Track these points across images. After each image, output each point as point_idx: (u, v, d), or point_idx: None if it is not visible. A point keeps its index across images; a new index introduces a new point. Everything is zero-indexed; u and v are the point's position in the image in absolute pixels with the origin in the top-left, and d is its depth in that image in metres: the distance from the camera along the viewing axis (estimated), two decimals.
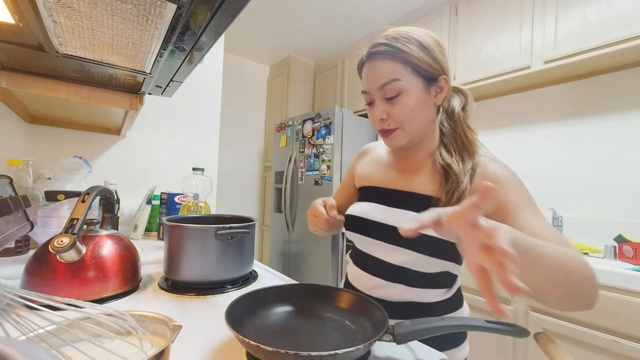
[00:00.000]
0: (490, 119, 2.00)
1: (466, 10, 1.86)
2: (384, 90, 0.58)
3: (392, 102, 0.59)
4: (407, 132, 0.60)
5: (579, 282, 0.39)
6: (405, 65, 0.57)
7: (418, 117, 0.59)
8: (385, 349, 0.48)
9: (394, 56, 0.57)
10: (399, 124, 0.59)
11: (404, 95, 0.58)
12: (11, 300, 0.33)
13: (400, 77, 0.57)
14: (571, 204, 1.63)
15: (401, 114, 0.58)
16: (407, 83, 0.58)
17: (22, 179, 0.96)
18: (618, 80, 1.51)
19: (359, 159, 0.80)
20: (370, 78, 0.60)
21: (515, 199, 0.53)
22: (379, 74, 0.58)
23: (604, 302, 1.08)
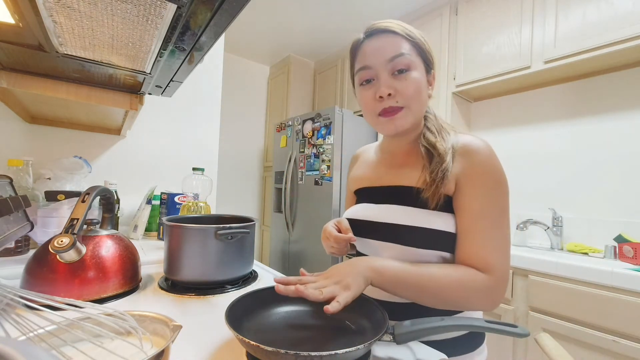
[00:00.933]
0: (490, 119, 2.00)
1: (466, 10, 1.86)
2: (394, 62, 0.55)
3: (401, 77, 0.55)
4: (413, 112, 0.56)
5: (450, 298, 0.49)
6: (412, 45, 0.57)
7: (422, 99, 0.57)
8: (385, 349, 0.48)
9: (403, 34, 0.56)
10: (406, 102, 0.55)
11: (414, 70, 0.56)
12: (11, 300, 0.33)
13: (411, 54, 0.56)
14: (571, 204, 1.63)
15: (411, 89, 0.55)
16: (416, 62, 0.56)
17: (22, 179, 0.96)
18: (618, 80, 1.51)
19: (351, 167, 0.79)
20: (377, 51, 0.56)
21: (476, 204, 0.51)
22: (389, 47, 0.55)
23: (604, 302, 1.08)
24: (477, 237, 0.50)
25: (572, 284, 1.16)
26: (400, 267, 0.49)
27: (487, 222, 0.50)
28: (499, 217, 0.51)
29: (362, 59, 0.59)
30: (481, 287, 0.48)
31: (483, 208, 0.51)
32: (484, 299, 0.49)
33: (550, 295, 1.20)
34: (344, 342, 0.45)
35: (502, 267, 0.50)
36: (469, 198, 0.52)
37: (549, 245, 1.62)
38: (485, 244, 0.50)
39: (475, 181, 0.52)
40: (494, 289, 0.49)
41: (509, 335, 0.42)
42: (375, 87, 0.57)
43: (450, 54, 1.94)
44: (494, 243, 0.50)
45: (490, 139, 1.99)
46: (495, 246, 0.50)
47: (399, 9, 2.28)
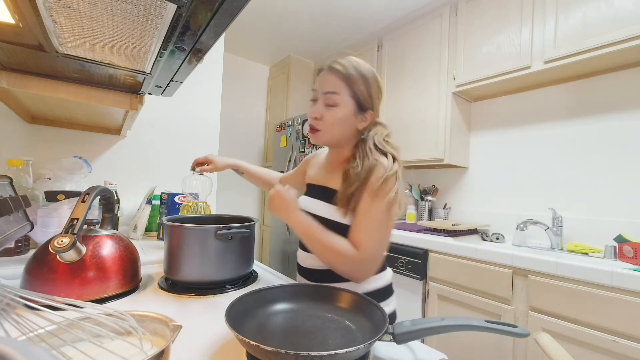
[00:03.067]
0: (490, 119, 2.00)
1: (466, 10, 1.86)
2: (326, 97, 0.72)
3: (329, 109, 0.72)
4: (325, 136, 0.75)
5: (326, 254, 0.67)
6: (348, 88, 0.72)
7: (338, 130, 0.74)
8: (385, 349, 0.48)
9: (343, 78, 0.72)
10: (323, 128, 0.73)
11: (337, 108, 0.72)
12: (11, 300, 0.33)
13: (340, 93, 0.72)
14: (571, 204, 1.63)
15: (329, 121, 0.72)
16: (343, 100, 0.72)
17: (22, 179, 0.96)
18: (618, 80, 1.51)
19: (311, 159, 0.95)
20: (321, 82, 0.74)
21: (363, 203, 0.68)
22: (328, 83, 0.73)
23: (604, 302, 1.08)
24: (359, 226, 0.68)
25: (572, 284, 1.16)
26: (308, 219, 0.69)
27: (367, 218, 0.68)
28: (377, 216, 0.67)
29: (316, 82, 0.77)
30: (348, 256, 0.65)
31: (366, 209, 0.68)
32: (348, 267, 0.67)
33: (550, 295, 1.20)
34: (344, 342, 0.45)
35: (369, 249, 0.66)
36: (361, 203, 0.69)
37: (549, 245, 1.62)
38: (361, 230, 0.67)
39: (366, 193, 0.68)
40: (357, 261, 0.66)
41: (509, 335, 0.42)
42: (312, 108, 0.75)
43: (450, 54, 1.94)
44: (368, 231, 0.67)
45: (490, 139, 1.99)
46: (368, 233, 0.67)
47: (399, 9, 2.28)
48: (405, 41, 2.21)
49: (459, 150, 1.99)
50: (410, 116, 2.13)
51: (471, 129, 2.10)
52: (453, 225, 1.72)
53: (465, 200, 2.10)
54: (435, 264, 1.59)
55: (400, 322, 0.45)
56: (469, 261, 1.46)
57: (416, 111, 2.10)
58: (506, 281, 1.33)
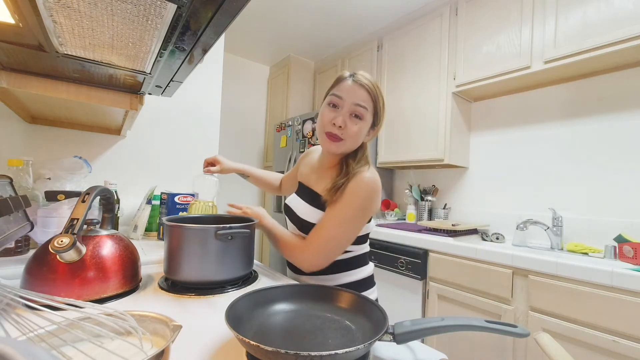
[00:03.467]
0: (490, 119, 2.00)
1: (466, 10, 1.86)
2: (356, 107, 0.75)
3: (354, 120, 0.75)
4: (347, 147, 0.78)
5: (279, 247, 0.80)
6: (373, 107, 0.77)
7: (357, 141, 0.78)
8: (385, 349, 0.48)
9: (372, 96, 0.77)
10: (346, 137, 0.76)
11: (363, 121, 0.76)
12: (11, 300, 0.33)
13: (369, 109, 0.76)
14: (571, 204, 1.63)
15: (355, 132, 0.76)
16: (368, 115, 0.77)
17: (22, 179, 0.96)
18: (618, 80, 1.51)
19: (305, 157, 0.99)
20: (352, 92, 0.75)
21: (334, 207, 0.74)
22: (361, 96, 0.75)
23: (604, 302, 1.08)
24: (317, 226, 0.76)
25: (572, 284, 1.16)
26: (274, 224, 0.83)
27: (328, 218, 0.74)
28: (339, 223, 0.73)
29: (340, 89, 0.77)
30: (296, 248, 0.77)
31: (329, 215, 0.75)
32: (294, 256, 0.76)
33: (550, 295, 1.20)
34: (344, 342, 0.45)
35: (316, 245, 0.74)
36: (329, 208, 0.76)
37: (549, 245, 1.62)
38: (316, 231, 0.75)
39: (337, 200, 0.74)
40: (302, 252, 0.75)
41: (509, 335, 0.42)
42: (336, 114, 0.76)
43: (450, 54, 1.94)
44: (322, 232, 0.74)
45: (490, 139, 1.99)
46: (320, 233, 0.74)
47: (399, 9, 2.28)
48: (405, 41, 2.21)
49: (459, 150, 1.99)
50: (410, 116, 2.13)
51: (471, 129, 2.10)
52: (453, 225, 1.72)
53: (465, 200, 2.10)
54: (435, 264, 1.59)
55: (400, 322, 0.45)
56: (469, 261, 1.46)
57: (416, 111, 2.10)
58: (506, 281, 1.33)
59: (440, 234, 1.69)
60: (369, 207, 0.75)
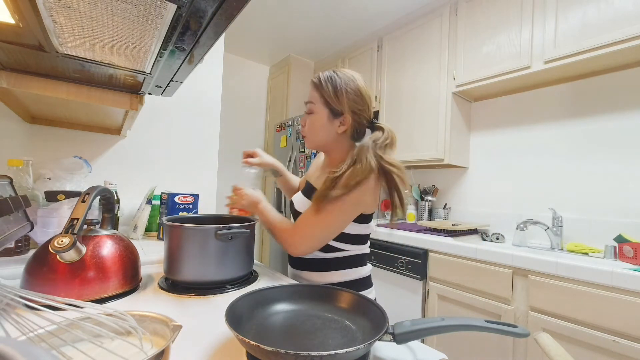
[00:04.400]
0: (490, 119, 2.00)
1: (466, 10, 1.86)
2: (306, 105, 0.85)
3: (308, 117, 0.85)
4: (310, 141, 0.87)
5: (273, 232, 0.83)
6: (320, 97, 0.81)
7: (316, 134, 0.84)
8: (386, 349, 0.48)
9: (316, 87, 0.82)
10: (305, 134, 0.86)
11: (313, 114, 0.83)
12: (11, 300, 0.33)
13: (315, 102, 0.82)
14: (571, 204, 1.63)
15: (308, 127, 0.85)
16: (317, 108, 0.82)
17: (22, 179, 0.96)
18: (618, 80, 1.51)
19: (316, 159, 1.04)
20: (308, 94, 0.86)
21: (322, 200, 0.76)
22: (309, 94, 0.85)
23: (604, 302, 1.08)
24: (305, 212, 0.80)
25: (572, 284, 1.16)
26: (268, 208, 0.85)
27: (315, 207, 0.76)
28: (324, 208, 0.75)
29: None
30: (285, 231, 0.80)
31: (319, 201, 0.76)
32: (283, 238, 0.80)
33: (550, 295, 1.20)
34: (344, 342, 0.45)
35: (301, 229, 0.78)
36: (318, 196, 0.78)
37: (549, 245, 1.62)
38: (304, 215, 0.79)
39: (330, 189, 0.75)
40: (288, 236, 0.79)
41: (509, 335, 0.42)
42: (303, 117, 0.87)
43: (450, 54, 1.94)
44: (308, 218, 0.78)
45: (490, 139, 1.99)
46: (306, 220, 0.78)
47: (399, 10, 2.28)
48: (405, 41, 2.21)
49: (459, 150, 1.99)
50: (410, 116, 2.13)
51: (471, 129, 2.10)
52: (453, 225, 1.72)
53: (465, 200, 2.10)
54: (435, 264, 1.59)
55: (400, 322, 0.45)
56: (469, 261, 1.46)
57: (416, 111, 2.10)
58: (506, 281, 1.33)
59: (440, 234, 1.69)
60: (360, 201, 0.76)
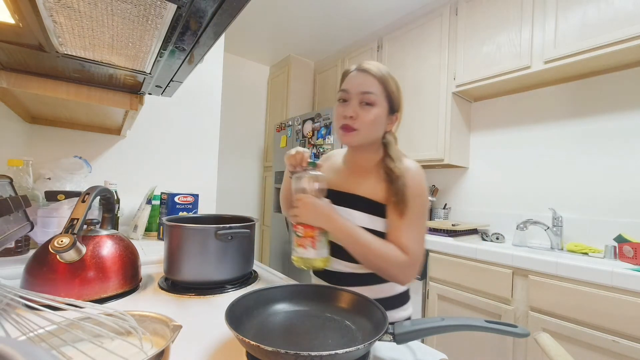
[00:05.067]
0: (490, 119, 2.00)
1: (466, 10, 1.86)
2: (364, 96, 0.72)
3: (366, 109, 0.72)
4: (362, 135, 0.73)
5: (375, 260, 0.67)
6: (383, 90, 0.73)
7: (374, 129, 0.74)
8: (385, 349, 0.48)
9: (378, 78, 0.73)
10: (360, 126, 0.72)
11: (376, 107, 0.73)
12: (11, 300, 0.33)
13: (378, 94, 0.73)
14: (571, 204, 1.63)
15: (370, 119, 0.72)
16: (379, 100, 0.73)
17: (22, 179, 0.96)
18: (618, 80, 1.51)
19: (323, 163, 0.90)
20: (357, 83, 0.73)
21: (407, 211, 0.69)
22: (366, 84, 0.72)
23: (604, 302, 1.08)
24: (405, 230, 0.69)
25: (572, 284, 1.16)
26: (351, 226, 0.68)
27: (413, 222, 0.69)
28: (417, 220, 0.70)
29: (346, 83, 0.75)
30: (399, 262, 0.66)
31: (410, 215, 0.69)
32: (399, 272, 0.67)
33: (550, 295, 1.20)
34: (344, 342, 0.45)
35: (416, 252, 0.68)
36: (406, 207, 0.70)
37: (549, 245, 1.62)
38: (408, 235, 0.69)
39: (410, 197, 0.70)
40: (408, 266, 0.67)
41: (509, 335, 0.42)
42: (345, 107, 0.73)
43: (450, 54, 1.94)
44: (414, 235, 0.69)
45: (490, 139, 1.99)
46: (411, 237, 0.68)
47: (399, 9, 2.28)
48: (405, 41, 2.21)
49: (459, 150, 1.99)
50: (411, 116, 2.13)
51: (471, 129, 2.10)
52: (453, 225, 1.72)
53: (465, 200, 2.10)
54: (435, 264, 1.59)
55: (400, 322, 0.45)
56: (469, 261, 1.45)
57: (416, 111, 2.10)
58: (506, 281, 1.33)
59: (440, 234, 1.69)
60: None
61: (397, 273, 0.67)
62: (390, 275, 0.68)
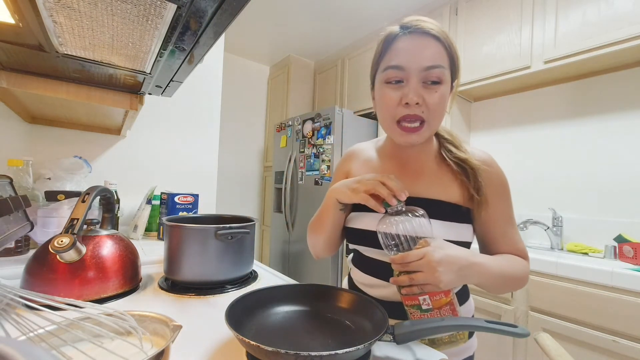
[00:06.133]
0: (490, 119, 2.00)
1: (466, 10, 1.86)
2: (429, 72, 0.52)
3: (432, 89, 0.52)
4: (431, 128, 0.55)
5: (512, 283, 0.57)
6: (449, 59, 0.54)
7: (442, 115, 0.55)
8: (385, 349, 0.48)
9: (446, 44, 0.53)
10: (430, 116, 0.53)
11: (444, 86, 0.53)
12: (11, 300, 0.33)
13: (446, 66, 0.53)
14: (571, 204, 1.63)
15: (437, 104, 0.52)
16: (447, 75, 0.54)
17: (22, 179, 0.96)
18: (618, 80, 1.51)
19: (348, 162, 0.72)
20: (415, 54, 0.52)
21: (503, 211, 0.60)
22: (430, 54, 0.51)
23: (604, 302, 1.08)
24: (513, 236, 0.61)
25: (572, 284, 1.16)
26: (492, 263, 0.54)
27: (511, 221, 0.61)
28: (513, 213, 0.62)
29: (395, 56, 0.53)
30: (527, 270, 0.59)
31: (510, 214, 0.61)
32: (527, 280, 0.60)
33: (550, 295, 1.20)
34: (344, 342, 0.45)
35: (526, 251, 0.62)
36: (500, 208, 0.59)
37: (549, 245, 1.62)
38: (517, 239, 0.61)
39: (500, 194, 0.59)
40: (529, 271, 0.60)
41: (509, 335, 0.42)
42: (404, 92, 0.53)
43: None
44: (519, 237, 0.62)
45: (490, 139, 1.99)
46: (520, 239, 0.62)
47: (399, 9, 2.28)
48: None
49: None
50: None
51: (471, 129, 2.10)
52: None
53: None
54: None
55: (400, 322, 0.45)
56: None
57: None
58: None
59: None
60: None
61: (524, 284, 0.59)
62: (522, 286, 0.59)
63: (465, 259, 0.49)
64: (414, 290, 0.48)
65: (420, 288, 0.47)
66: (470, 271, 0.50)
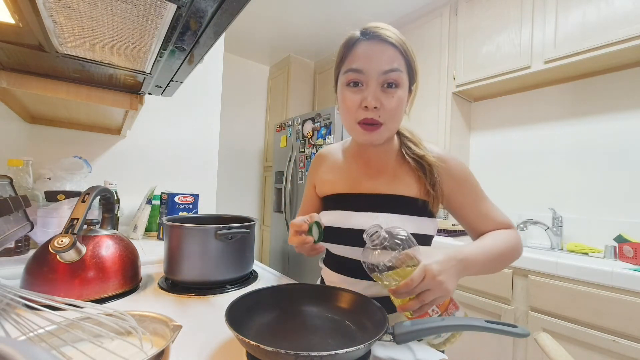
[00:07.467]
0: (490, 119, 2.00)
1: (466, 10, 1.86)
2: (387, 75, 0.55)
3: (389, 92, 0.55)
4: (389, 129, 0.58)
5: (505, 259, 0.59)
6: (405, 61, 0.57)
7: (399, 117, 0.59)
8: (385, 349, 0.48)
9: (402, 49, 0.57)
10: (387, 118, 0.56)
11: (401, 90, 0.56)
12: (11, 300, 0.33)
13: (402, 70, 0.56)
14: (571, 204, 1.63)
15: (394, 107, 0.56)
16: (404, 79, 0.57)
17: (22, 179, 0.96)
18: (618, 80, 1.51)
19: (317, 167, 0.75)
20: (374, 58, 0.55)
21: (470, 195, 0.63)
22: (386, 58, 0.55)
23: (604, 302, 1.08)
24: (488, 213, 0.63)
25: (572, 284, 1.16)
26: (477, 250, 0.55)
27: (482, 201, 0.64)
28: (482, 194, 0.65)
29: (355, 60, 0.57)
30: (515, 238, 0.61)
31: (478, 194, 0.64)
32: (520, 250, 0.61)
33: (550, 295, 1.20)
34: (344, 342, 0.45)
35: (509, 220, 0.64)
36: (465, 192, 0.63)
37: (549, 245, 1.62)
38: (495, 213, 0.63)
39: (462, 180, 0.63)
40: (519, 237, 0.62)
41: (509, 335, 0.42)
42: (363, 95, 0.56)
43: (450, 54, 1.93)
44: (495, 209, 0.64)
45: (490, 139, 1.99)
46: (497, 211, 0.64)
47: (399, 9, 2.28)
48: None
49: (459, 150, 1.99)
50: (410, 116, 2.13)
51: (471, 129, 2.10)
52: (453, 225, 1.72)
53: None
54: None
55: (400, 322, 0.45)
56: None
57: (416, 111, 2.10)
58: (506, 281, 1.33)
59: (440, 234, 1.69)
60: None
61: (519, 253, 0.61)
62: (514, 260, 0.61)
63: (455, 258, 0.50)
64: (425, 309, 0.48)
65: (431, 303, 0.47)
66: (463, 266, 0.51)
